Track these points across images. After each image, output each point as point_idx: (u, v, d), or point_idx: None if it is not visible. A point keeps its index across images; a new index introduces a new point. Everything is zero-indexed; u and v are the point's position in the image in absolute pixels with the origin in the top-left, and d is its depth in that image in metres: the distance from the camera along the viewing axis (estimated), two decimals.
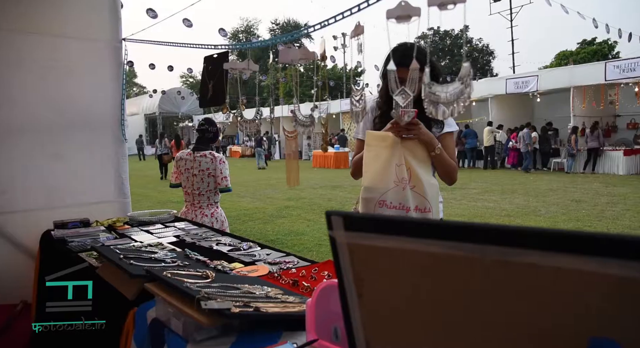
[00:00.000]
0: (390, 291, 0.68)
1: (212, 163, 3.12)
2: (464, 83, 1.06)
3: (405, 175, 1.65)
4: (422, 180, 1.65)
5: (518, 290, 0.55)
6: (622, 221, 6.40)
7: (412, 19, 1.14)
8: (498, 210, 7.58)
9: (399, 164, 1.66)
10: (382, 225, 0.64)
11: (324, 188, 11.06)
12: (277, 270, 1.68)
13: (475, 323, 0.60)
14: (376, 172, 1.67)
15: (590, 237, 0.47)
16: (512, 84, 15.43)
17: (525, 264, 0.52)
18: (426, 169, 1.72)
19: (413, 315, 0.66)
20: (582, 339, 0.50)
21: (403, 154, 1.66)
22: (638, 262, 0.46)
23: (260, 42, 2.06)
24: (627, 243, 0.46)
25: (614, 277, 0.48)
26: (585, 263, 0.48)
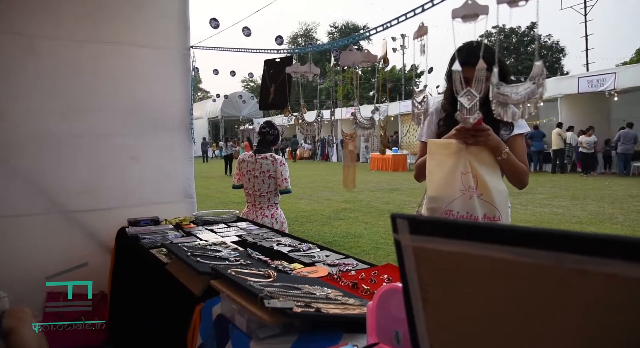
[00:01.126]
0: (457, 297, 0.67)
1: (273, 165, 3.20)
2: (535, 83, 1.01)
3: (472, 183, 1.60)
4: (490, 188, 1.59)
5: (596, 301, 0.52)
6: None
7: (479, 18, 1.10)
8: (568, 216, 7.13)
9: (464, 172, 1.61)
10: (449, 229, 0.63)
11: (381, 191, 10.96)
12: (337, 272, 1.69)
13: (542, 333, 0.57)
14: (441, 181, 1.63)
15: None
16: (585, 82, 14.43)
17: (606, 274, 0.49)
18: (494, 174, 1.66)
19: (480, 324, 0.64)
20: None
21: (468, 160, 1.61)
22: None
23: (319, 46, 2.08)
24: None
25: None
26: None
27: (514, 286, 0.59)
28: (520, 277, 0.58)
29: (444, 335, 0.70)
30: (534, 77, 1.02)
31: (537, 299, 0.57)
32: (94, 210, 3.05)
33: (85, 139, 3.03)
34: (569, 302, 0.54)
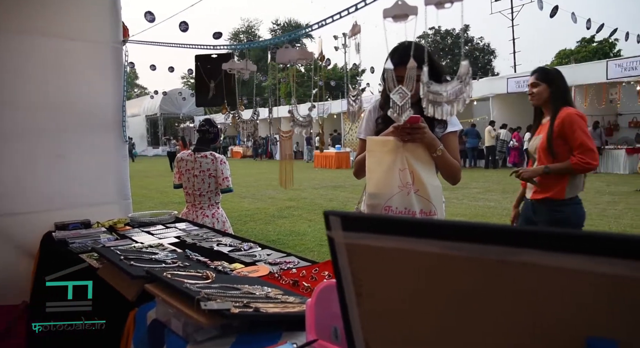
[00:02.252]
0: (389, 291, 0.68)
1: (213, 164, 3.12)
2: (462, 82, 1.06)
3: (409, 180, 1.65)
4: (426, 184, 1.65)
5: (517, 290, 0.54)
6: (624, 220, 6.38)
7: (409, 18, 1.14)
8: (500, 209, 7.57)
9: (402, 169, 1.66)
10: (380, 225, 0.64)
11: (325, 189, 11.06)
12: (278, 271, 1.68)
13: (474, 323, 0.60)
14: (380, 178, 1.67)
15: (587, 236, 0.47)
16: (513, 82, 15.40)
17: (524, 264, 0.52)
18: (429, 171, 1.71)
19: (412, 315, 0.66)
20: (580, 339, 0.50)
21: (405, 157, 1.66)
22: (634, 261, 0.45)
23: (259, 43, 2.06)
24: (623, 242, 0.46)
25: (611, 276, 0.48)
26: (582, 262, 0.48)
27: (443, 278, 0.61)
28: (449, 269, 0.60)
29: (377, 328, 0.71)
30: (460, 76, 1.06)
31: (465, 290, 0.59)
32: (13, 214, 2.81)
33: (6, 136, 2.79)
34: (494, 291, 0.57)
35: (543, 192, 2.53)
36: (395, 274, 0.66)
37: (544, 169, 2.46)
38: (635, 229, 5.87)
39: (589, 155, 2.38)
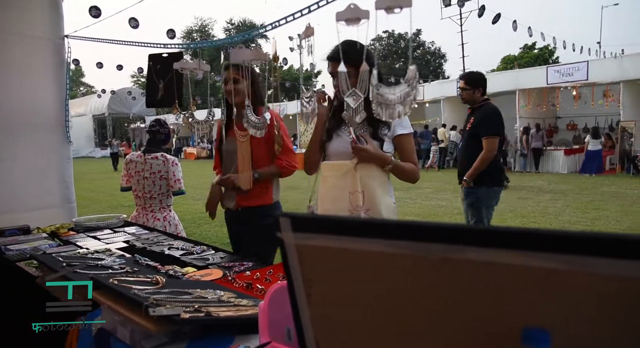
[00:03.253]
0: (339, 291, 0.69)
1: (164, 165, 3.04)
2: (410, 85, 1.09)
3: (360, 202, 1.68)
4: (378, 203, 1.69)
5: (459, 285, 0.57)
6: (563, 217, 6.78)
7: (361, 22, 1.16)
8: (450, 208, 7.83)
9: (352, 192, 1.69)
10: (329, 225, 0.64)
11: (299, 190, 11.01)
12: (231, 274, 1.66)
13: (420, 320, 0.62)
14: (330, 203, 1.72)
15: (520, 232, 0.50)
16: None
17: (465, 260, 0.54)
18: (383, 189, 1.76)
19: (361, 314, 0.67)
20: (517, 329, 0.52)
21: (360, 178, 1.69)
22: (563, 255, 0.48)
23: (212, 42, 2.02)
24: (555, 238, 0.49)
25: (545, 269, 0.51)
26: (519, 257, 0.51)
27: (390, 277, 0.62)
28: (396, 268, 0.61)
29: (328, 329, 0.72)
30: (408, 80, 1.09)
31: (412, 288, 0.61)
32: None
33: None
34: (438, 287, 0.59)
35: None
36: (344, 274, 0.67)
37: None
38: (573, 225, 6.25)
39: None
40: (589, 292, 0.50)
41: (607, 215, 6.75)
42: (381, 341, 0.67)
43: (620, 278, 0.48)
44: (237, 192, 2.32)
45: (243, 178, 2.07)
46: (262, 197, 2.37)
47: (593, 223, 6.27)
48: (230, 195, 2.40)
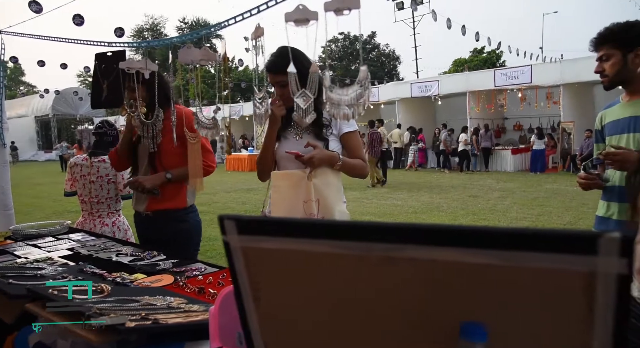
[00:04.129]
0: (286, 293, 0.69)
1: (113, 168, 2.92)
2: (362, 86, 1.10)
3: (314, 210, 1.68)
4: (332, 209, 1.70)
5: (402, 283, 0.58)
6: (511, 213, 7.10)
7: (310, 23, 1.16)
8: (406, 207, 8.01)
9: (306, 200, 1.69)
10: (274, 227, 0.64)
11: (237, 192, 10.88)
12: (183, 279, 1.61)
13: (366, 318, 0.62)
14: (283, 213, 1.70)
15: (456, 230, 0.51)
16: (416, 88, 16.43)
17: (405, 258, 0.55)
18: (338, 195, 1.78)
19: (308, 315, 0.67)
20: (455, 323, 0.54)
21: (313, 185, 1.69)
22: (497, 251, 0.50)
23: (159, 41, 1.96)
24: (490, 234, 0.51)
25: (481, 265, 0.52)
26: (453, 254, 0.52)
27: (336, 277, 0.63)
28: (340, 268, 0.62)
29: (276, 332, 0.71)
30: (360, 81, 1.11)
31: (357, 287, 0.62)
32: None
33: None
34: (381, 286, 0.60)
35: None
36: (292, 276, 0.66)
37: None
38: (520, 221, 6.56)
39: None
40: (521, 286, 0.52)
41: (550, 211, 7.13)
42: (329, 341, 0.68)
43: (548, 270, 0.50)
44: (149, 195, 2.23)
45: (194, 182, 2.01)
46: (175, 200, 2.29)
47: (537, 219, 6.60)
48: (140, 197, 2.31)
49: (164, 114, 2.17)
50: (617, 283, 0.47)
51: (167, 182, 2.24)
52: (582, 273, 0.49)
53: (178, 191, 2.29)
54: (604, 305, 0.48)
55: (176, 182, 2.25)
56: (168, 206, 2.28)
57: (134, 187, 2.24)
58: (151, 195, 2.23)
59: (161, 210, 2.28)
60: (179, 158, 2.20)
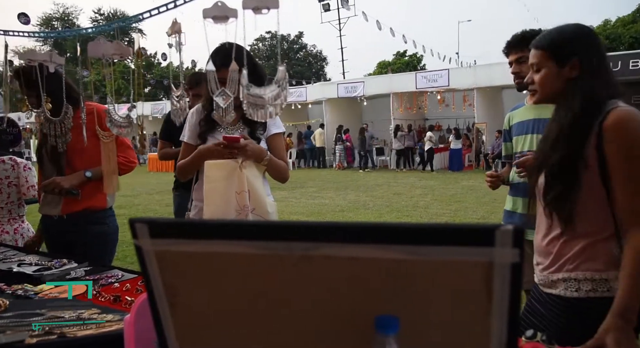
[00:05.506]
0: (204, 297, 0.67)
1: (14, 170, 2.65)
2: (280, 86, 1.10)
3: (247, 202, 1.65)
4: (262, 201, 1.69)
5: (319, 281, 0.58)
6: (432, 209, 7.50)
7: (229, 20, 1.13)
8: (333, 206, 8.16)
9: (239, 191, 1.65)
10: (190, 229, 0.62)
11: (160, 194, 10.42)
12: (97, 287, 1.51)
13: (285, 318, 0.62)
14: (217, 207, 1.65)
15: (369, 227, 0.53)
16: (343, 88, 16.79)
17: (322, 256, 0.56)
18: (265, 188, 1.77)
19: (227, 319, 0.66)
20: (370, 318, 0.56)
21: (245, 177, 1.66)
22: (408, 246, 0.53)
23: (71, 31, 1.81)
24: (398, 230, 0.53)
25: (393, 260, 0.55)
26: (368, 250, 0.54)
27: (256, 278, 0.62)
28: (261, 268, 0.61)
29: (195, 338, 0.69)
30: (278, 81, 1.11)
31: (276, 287, 0.61)
32: None
33: None
34: (301, 284, 0.60)
35: None
36: (209, 279, 0.65)
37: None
38: (440, 217, 6.95)
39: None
40: (430, 278, 0.55)
41: (466, 206, 7.64)
42: (250, 343, 0.67)
43: (453, 262, 0.53)
44: (65, 196, 2.08)
45: (108, 184, 1.88)
46: (95, 200, 2.16)
47: (455, 214, 7.04)
48: (53, 200, 2.12)
49: (74, 111, 2.01)
50: (511, 272, 0.51)
51: (87, 182, 2.09)
52: (481, 264, 0.52)
53: (98, 191, 2.13)
54: (500, 292, 0.52)
55: (96, 181, 2.11)
56: (87, 206, 2.13)
57: (50, 189, 2.05)
58: (70, 197, 2.06)
59: (79, 212, 2.12)
60: (93, 158, 2.06)
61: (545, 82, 1.21)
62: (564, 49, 1.18)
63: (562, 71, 1.19)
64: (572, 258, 1.19)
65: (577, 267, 1.18)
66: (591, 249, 1.17)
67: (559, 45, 1.19)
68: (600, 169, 1.13)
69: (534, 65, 1.23)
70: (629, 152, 1.10)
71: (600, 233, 1.17)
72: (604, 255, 1.16)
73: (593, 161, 1.14)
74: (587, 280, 1.16)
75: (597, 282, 1.16)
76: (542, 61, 1.21)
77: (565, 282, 1.20)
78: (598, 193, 1.15)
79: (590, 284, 1.16)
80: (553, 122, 1.22)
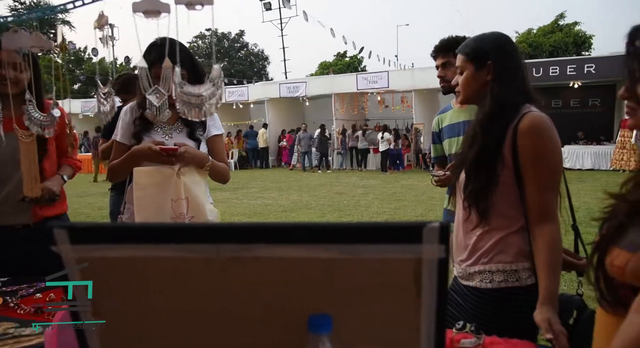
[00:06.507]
0: (131, 303, 0.64)
1: None
2: (215, 84, 1.08)
3: (183, 210, 1.58)
4: (202, 208, 1.63)
5: (249, 281, 0.57)
6: (372, 208, 7.67)
7: (161, 15, 1.09)
8: (276, 206, 8.11)
9: (175, 199, 1.58)
10: (111, 234, 0.58)
11: (93, 196, 9.87)
12: (15, 299, 1.39)
13: (216, 320, 0.61)
14: (149, 213, 1.57)
15: (300, 227, 0.53)
16: (285, 88, 16.76)
17: (253, 258, 0.55)
18: (206, 194, 1.71)
19: (156, 325, 0.63)
20: (304, 317, 0.56)
21: (182, 183, 1.59)
22: (339, 245, 0.53)
23: None
24: (329, 230, 0.54)
25: (326, 260, 0.55)
26: (300, 250, 0.54)
27: (184, 282, 0.60)
28: (188, 272, 0.59)
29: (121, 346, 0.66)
30: (213, 79, 1.08)
31: (207, 290, 0.59)
32: None
33: None
34: (231, 286, 0.59)
35: None
36: (136, 285, 0.62)
37: None
38: (381, 215, 7.12)
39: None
40: (362, 276, 0.56)
41: (406, 205, 7.89)
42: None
43: (384, 260, 0.54)
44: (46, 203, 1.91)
45: (29, 188, 1.71)
46: (62, 204, 2.06)
47: (395, 212, 7.25)
48: (18, 207, 1.87)
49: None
50: (438, 267, 0.53)
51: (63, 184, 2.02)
52: (411, 260, 0.54)
53: (63, 194, 2.06)
54: (428, 286, 0.54)
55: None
56: (57, 212, 2.00)
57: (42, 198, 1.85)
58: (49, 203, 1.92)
59: (50, 218, 1.96)
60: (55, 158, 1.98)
61: (465, 84, 1.31)
62: (481, 54, 1.28)
63: (479, 74, 1.28)
64: (486, 251, 1.27)
65: (490, 259, 1.26)
66: (503, 242, 1.25)
67: (477, 50, 1.29)
68: (515, 168, 1.22)
69: (458, 68, 1.33)
70: (538, 153, 1.20)
71: (511, 227, 1.25)
72: (514, 247, 1.25)
73: (509, 160, 1.22)
74: (500, 272, 1.25)
75: (507, 273, 1.24)
76: (464, 65, 1.31)
77: (480, 274, 1.27)
78: (512, 189, 1.24)
79: (502, 275, 1.24)
80: (473, 121, 1.30)
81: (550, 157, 1.21)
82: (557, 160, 1.23)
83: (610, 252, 0.78)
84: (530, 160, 1.20)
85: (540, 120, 1.20)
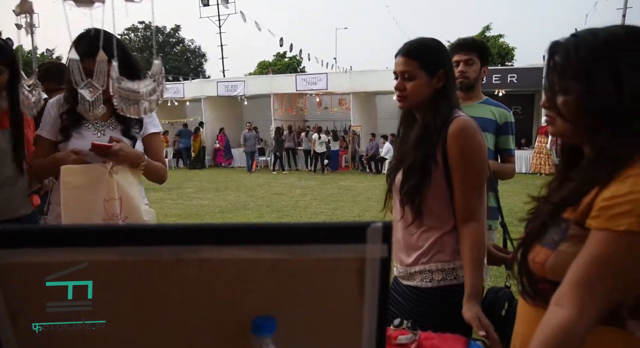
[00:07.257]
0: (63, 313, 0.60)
1: None
2: (156, 80, 1.03)
3: (117, 210, 1.50)
4: (137, 209, 1.56)
5: (193, 283, 0.56)
6: (310, 209, 7.73)
7: (95, 5, 1.03)
8: (212, 207, 7.92)
9: (107, 199, 1.49)
10: (34, 237, 0.54)
11: None
12: None
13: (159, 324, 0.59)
14: (78, 214, 1.47)
15: (243, 228, 0.52)
16: (222, 86, 16.40)
17: (197, 260, 0.54)
18: (140, 194, 1.64)
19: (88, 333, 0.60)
20: (248, 319, 0.55)
21: (115, 183, 1.50)
22: (283, 246, 0.53)
23: None
24: (273, 230, 0.54)
25: (272, 261, 0.55)
26: (245, 251, 0.53)
27: (123, 286, 0.57)
28: (128, 275, 0.56)
29: None
30: (154, 75, 1.03)
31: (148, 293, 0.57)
32: None
33: None
34: (174, 289, 0.57)
35: None
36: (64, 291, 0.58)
37: None
38: (319, 216, 7.18)
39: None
40: (307, 276, 0.56)
41: (343, 205, 8.02)
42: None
43: (328, 260, 0.55)
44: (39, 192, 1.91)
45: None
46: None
47: (333, 213, 7.35)
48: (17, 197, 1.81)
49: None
50: (381, 266, 0.55)
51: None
52: (355, 260, 0.55)
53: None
54: (371, 285, 0.55)
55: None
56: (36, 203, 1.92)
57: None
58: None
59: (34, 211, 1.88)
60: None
61: (416, 91, 1.32)
62: (435, 62, 1.31)
63: (431, 81, 1.31)
64: (425, 251, 1.33)
65: (430, 259, 1.32)
66: (440, 242, 1.32)
67: (429, 57, 1.32)
68: (445, 169, 1.29)
69: (405, 73, 1.33)
70: (463, 156, 1.27)
71: (445, 227, 1.32)
72: (450, 246, 1.31)
73: (440, 162, 1.29)
74: (439, 271, 1.31)
75: (446, 272, 1.31)
76: (415, 70, 1.31)
77: (421, 274, 1.33)
78: (443, 190, 1.31)
79: (441, 274, 1.31)
80: (419, 126, 1.34)
81: (476, 159, 1.28)
82: (482, 162, 1.31)
83: (533, 249, 0.84)
84: (457, 162, 1.27)
85: (467, 125, 1.27)
